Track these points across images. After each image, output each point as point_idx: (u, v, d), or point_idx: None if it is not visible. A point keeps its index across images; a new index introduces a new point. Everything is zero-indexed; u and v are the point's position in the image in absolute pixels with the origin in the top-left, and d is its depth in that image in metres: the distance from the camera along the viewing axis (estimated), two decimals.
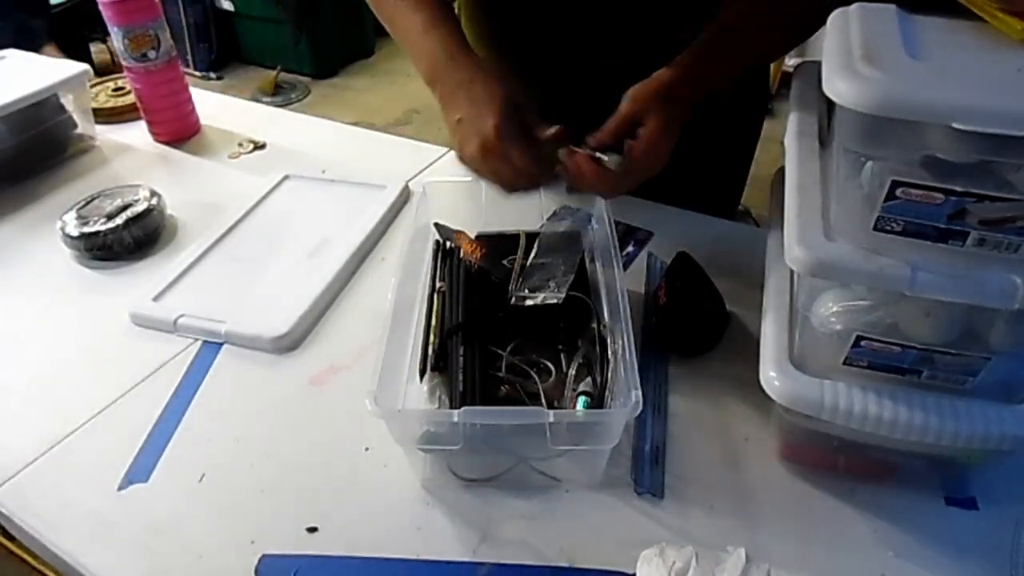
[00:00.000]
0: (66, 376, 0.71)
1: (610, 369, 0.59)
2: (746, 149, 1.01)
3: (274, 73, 3.41)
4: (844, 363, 0.53)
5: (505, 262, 0.70)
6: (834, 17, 0.52)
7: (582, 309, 0.66)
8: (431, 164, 1.02)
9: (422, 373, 0.62)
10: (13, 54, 1.06)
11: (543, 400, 0.60)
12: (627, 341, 0.57)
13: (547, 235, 0.72)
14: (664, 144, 0.66)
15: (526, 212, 0.77)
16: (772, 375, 0.53)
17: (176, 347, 0.73)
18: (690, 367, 0.69)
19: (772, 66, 1.18)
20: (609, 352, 0.60)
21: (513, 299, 0.66)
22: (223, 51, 3.63)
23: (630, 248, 0.83)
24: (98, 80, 1.18)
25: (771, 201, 0.68)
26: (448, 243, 0.74)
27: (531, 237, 0.72)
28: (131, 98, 1.11)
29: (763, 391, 0.53)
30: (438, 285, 0.68)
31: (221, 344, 0.73)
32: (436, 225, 0.75)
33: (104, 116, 1.13)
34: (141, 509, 0.58)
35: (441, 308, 0.66)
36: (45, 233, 0.88)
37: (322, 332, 0.75)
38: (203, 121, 1.12)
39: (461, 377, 0.60)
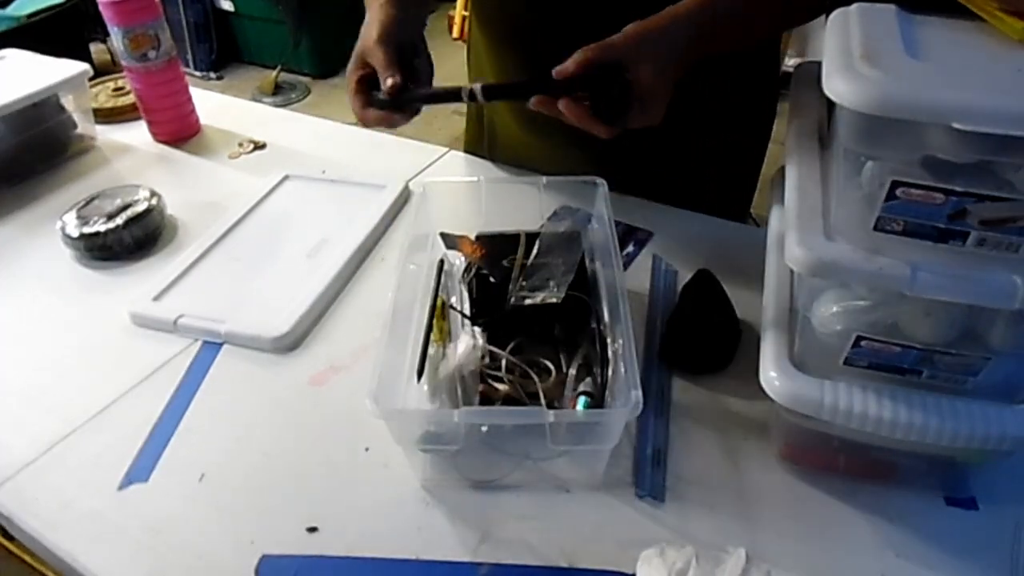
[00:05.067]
0: (66, 376, 0.71)
1: (610, 369, 0.59)
2: (756, 153, 1.00)
3: (274, 73, 3.41)
4: (844, 363, 0.53)
5: (505, 262, 0.70)
6: (834, 17, 0.52)
7: (582, 309, 0.66)
8: (431, 164, 1.02)
9: (420, 374, 0.62)
10: (13, 54, 1.06)
11: (543, 400, 0.60)
12: (627, 341, 0.57)
13: (547, 235, 0.72)
14: (658, 88, 0.64)
15: (526, 212, 0.77)
16: (772, 375, 0.53)
17: (176, 347, 0.73)
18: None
19: None
20: (609, 352, 0.60)
21: (513, 299, 0.66)
22: (223, 51, 3.63)
23: (630, 248, 0.83)
24: (98, 80, 1.18)
25: (771, 201, 0.68)
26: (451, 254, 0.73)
27: (531, 237, 0.72)
28: (131, 98, 1.11)
29: (763, 391, 0.53)
30: (442, 298, 0.68)
31: (221, 344, 0.73)
32: (442, 235, 0.74)
33: (104, 116, 1.13)
34: (141, 509, 0.58)
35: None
36: (45, 233, 0.88)
37: (322, 332, 0.75)
38: (203, 121, 1.12)
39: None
